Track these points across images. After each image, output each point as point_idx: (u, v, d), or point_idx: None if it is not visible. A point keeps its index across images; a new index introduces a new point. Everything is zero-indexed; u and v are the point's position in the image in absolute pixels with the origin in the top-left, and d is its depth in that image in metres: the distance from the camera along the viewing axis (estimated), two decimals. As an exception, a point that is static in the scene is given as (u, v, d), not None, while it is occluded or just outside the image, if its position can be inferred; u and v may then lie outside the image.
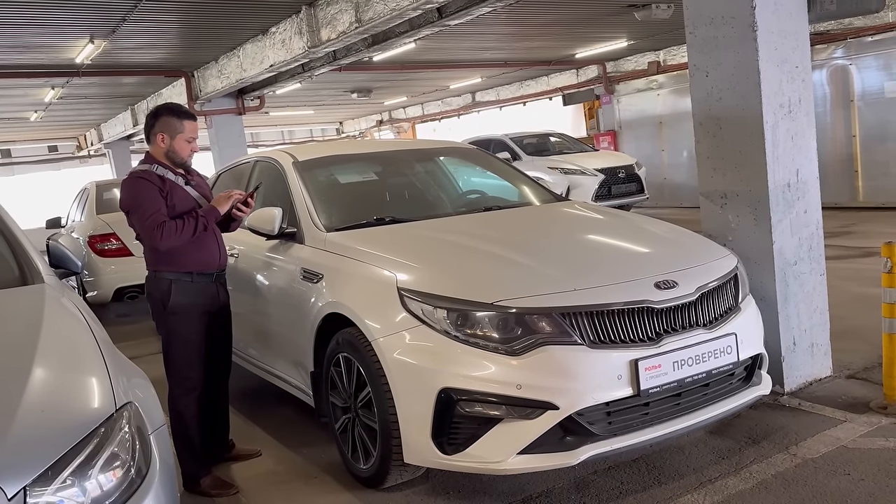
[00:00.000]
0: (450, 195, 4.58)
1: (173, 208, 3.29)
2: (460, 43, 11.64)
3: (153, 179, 3.30)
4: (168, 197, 3.29)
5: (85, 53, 9.01)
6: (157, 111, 3.43)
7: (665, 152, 14.76)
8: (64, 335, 2.37)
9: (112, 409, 1.95)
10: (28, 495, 1.67)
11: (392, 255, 3.28)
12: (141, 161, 3.45)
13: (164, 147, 3.37)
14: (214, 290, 3.49)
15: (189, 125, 3.40)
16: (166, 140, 3.36)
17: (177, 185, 3.37)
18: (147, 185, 3.28)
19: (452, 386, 2.76)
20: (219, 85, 10.58)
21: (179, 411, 3.39)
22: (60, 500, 1.72)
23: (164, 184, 3.32)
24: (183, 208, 3.33)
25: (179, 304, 3.36)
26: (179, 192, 3.37)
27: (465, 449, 2.78)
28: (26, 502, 1.66)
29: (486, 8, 6.45)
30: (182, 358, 3.39)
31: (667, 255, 3.32)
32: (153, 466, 1.95)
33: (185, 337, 3.38)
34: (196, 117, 3.51)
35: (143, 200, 3.26)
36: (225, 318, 3.61)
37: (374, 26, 6.88)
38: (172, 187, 3.34)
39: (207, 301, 3.44)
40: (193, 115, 3.48)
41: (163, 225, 3.22)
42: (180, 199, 3.35)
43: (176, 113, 3.40)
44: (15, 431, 1.77)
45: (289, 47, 8.31)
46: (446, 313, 2.85)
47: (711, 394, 3.05)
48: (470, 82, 17.22)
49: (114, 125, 17.01)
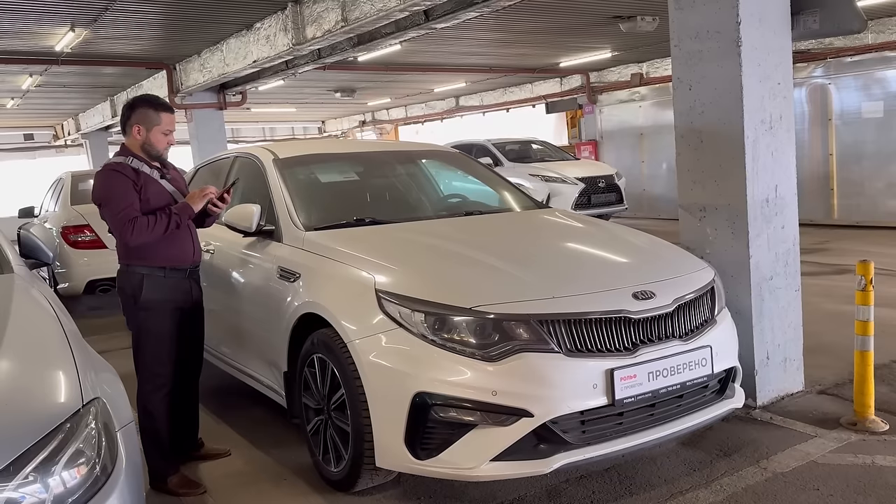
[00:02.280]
0: (431, 198, 4.56)
1: (147, 202, 3.22)
2: (446, 47, 11.65)
3: (127, 172, 3.22)
4: (142, 191, 3.22)
5: (65, 42, 8.88)
6: (134, 102, 3.35)
7: (645, 164, 14.89)
8: (31, 327, 2.32)
9: (79, 404, 1.90)
10: (-13, 490, 1.63)
11: (371, 256, 3.26)
12: (116, 153, 3.37)
13: (140, 139, 3.30)
14: (188, 286, 3.43)
15: (166, 117, 3.32)
16: (142, 132, 3.29)
17: (151, 178, 3.29)
18: (120, 179, 3.20)
19: (427, 390, 2.74)
20: (201, 79, 10.48)
21: (148, 408, 3.32)
22: (22, 497, 1.68)
23: (138, 177, 3.24)
24: (157, 203, 3.26)
25: (151, 299, 3.29)
26: (154, 186, 3.29)
27: (437, 454, 2.76)
28: None
29: (472, 13, 6.46)
30: (152, 354, 3.32)
31: (645, 266, 3.33)
32: (119, 464, 1.91)
33: (156, 333, 3.31)
34: (173, 110, 3.47)
35: (116, 194, 3.19)
36: (197, 315, 3.56)
37: (360, 26, 6.86)
38: (147, 181, 3.27)
39: (180, 297, 3.38)
40: (171, 108, 3.42)
41: (134, 220, 3.15)
42: (155, 193, 3.27)
43: (153, 105, 3.33)
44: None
45: (273, 44, 8.25)
46: (424, 317, 2.83)
47: (685, 405, 3.05)
48: (454, 86, 17.25)
49: (92, 115, 16.79)
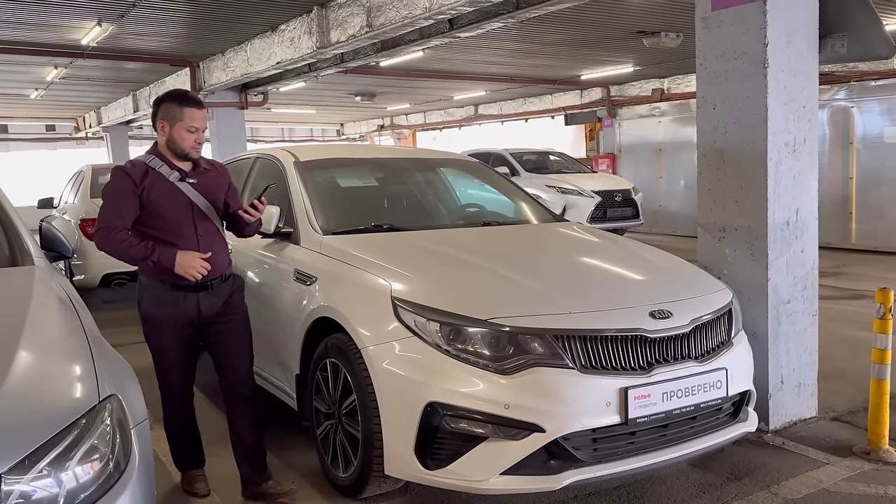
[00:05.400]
0: (449, 207, 4.56)
1: (152, 205, 3.02)
2: (468, 55, 11.67)
3: (133, 174, 3.02)
4: (145, 192, 3.01)
5: (91, 36, 8.96)
6: (161, 98, 3.16)
7: (662, 179, 14.83)
8: (51, 321, 2.33)
9: (95, 400, 1.91)
10: (3, 482, 1.63)
11: (388, 263, 3.26)
12: (148, 150, 3.22)
13: (165, 136, 3.10)
14: (193, 304, 3.10)
15: (190, 113, 3.05)
16: (166, 129, 3.08)
17: (164, 179, 3.06)
18: (122, 181, 3.02)
19: (440, 400, 2.73)
20: (223, 78, 10.55)
21: (165, 410, 3.31)
22: (35, 490, 1.68)
23: (145, 178, 3.03)
24: (167, 206, 3.05)
25: (147, 312, 3.15)
26: (165, 188, 3.05)
27: (447, 465, 2.75)
28: (1, 489, 1.62)
29: (497, 23, 6.47)
30: (159, 364, 3.23)
31: (663, 285, 3.31)
32: (132, 461, 1.92)
33: (156, 345, 3.18)
34: (202, 105, 3.15)
35: (109, 195, 3.04)
36: (220, 333, 3.21)
37: (384, 32, 6.89)
38: (156, 182, 3.04)
39: (180, 314, 3.10)
40: (198, 103, 3.13)
41: (110, 230, 2.96)
42: (164, 194, 3.04)
43: (178, 99, 3.09)
44: (-4, 419, 1.73)
45: (297, 46, 8.29)
46: (439, 326, 2.83)
47: (698, 427, 3.03)
48: (474, 94, 17.27)
49: (114, 109, 16.93)
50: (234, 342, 3.24)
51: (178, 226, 3.07)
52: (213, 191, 3.21)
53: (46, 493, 1.70)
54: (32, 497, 1.67)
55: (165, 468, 3.48)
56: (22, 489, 1.66)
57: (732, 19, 3.82)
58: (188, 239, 3.08)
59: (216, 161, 3.39)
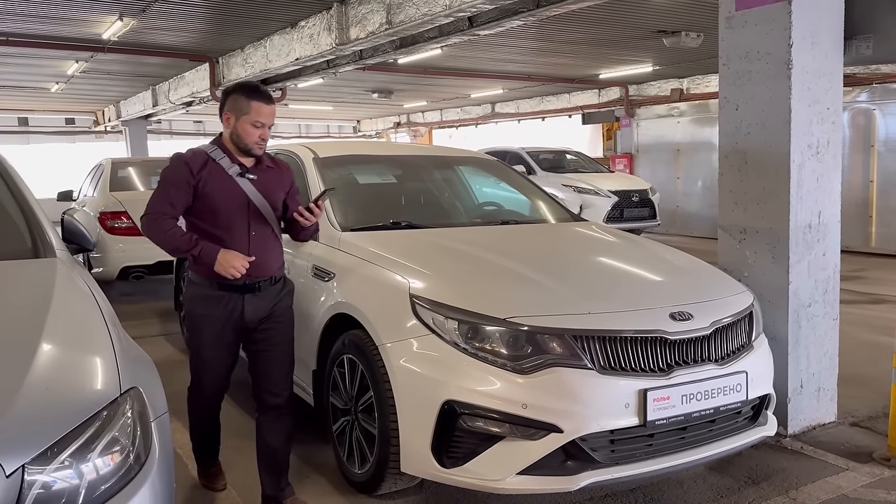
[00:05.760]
0: (467, 205, 4.56)
1: (206, 196, 2.92)
2: (486, 53, 11.65)
3: (192, 164, 2.92)
4: (201, 183, 2.91)
5: (113, 30, 9.03)
6: (230, 89, 3.00)
7: (680, 180, 14.73)
8: (73, 312, 2.34)
9: (116, 392, 1.92)
10: (25, 473, 1.64)
11: (406, 260, 3.26)
12: (212, 140, 3.08)
13: (229, 129, 2.95)
14: (238, 305, 2.98)
15: (257, 107, 2.90)
16: (231, 121, 2.93)
17: (223, 172, 2.94)
18: (179, 170, 2.93)
19: (457, 399, 2.72)
20: (242, 73, 10.59)
21: (193, 406, 3.26)
22: (56, 481, 1.69)
23: (203, 168, 2.92)
24: (220, 200, 2.92)
25: (192, 310, 3.06)
26: (223, 182, 2.93)
27: (464, 464, 2.75)
28: (24, 480, 1.63)
29: (516, 21, 6.45)
30: (195, 361, 3.15)
31: (683, 287, 3.29)
32: (152, 454, 1.92)
33: (197, 343, 3.09)
34: (271, 100, 2.99)
35: (163, 183, 2.97)
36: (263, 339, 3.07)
37: (404, 29, 6.89)
38: (214, 174, 2.93)
39: (225, 315, 2.99)
40: (267, 97, 2.97)
41: (157, 216, 2.90)
42: (220, 189, 2.92)
43: (246, 92, 2.94)
44: (18, 408, 1.74)
45: (316, 42, 8.31)
46: (457, 325, 2.82)
47: (717, 430, 3.01)
48: (491, 93, 17.24)
49: (133, 103, 17.05)
50: (275, 351, 3.09)
51: (231, 222, 2.95)
52: (273, 189, 3.06)
53: (68, 484, 1.70)
54: (54, 488, 1.68)
55: (182, 461, 3.50)
56: (44, 480, 1.67)
57: (757, 19, 3.78)
58: (239, 237, 2.95)
59: (281, 159, 3.23)
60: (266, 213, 3.01)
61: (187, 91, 13.00)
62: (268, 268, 3.03)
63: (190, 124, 22.85)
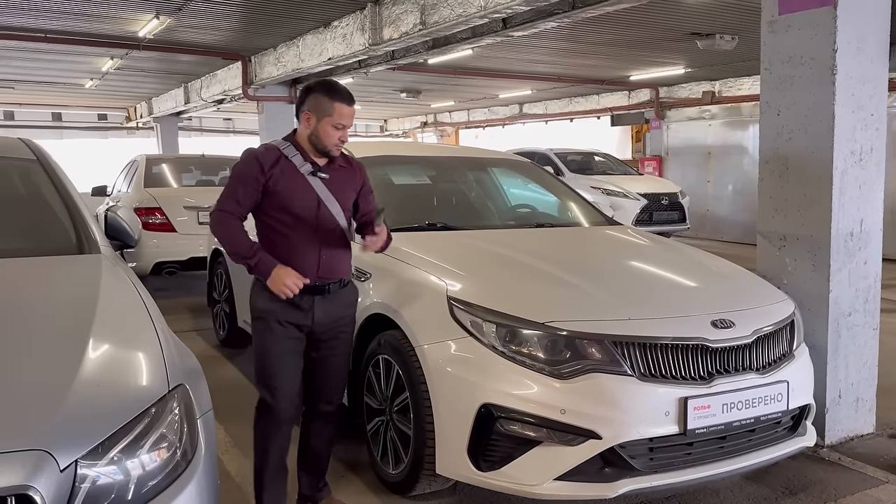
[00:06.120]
0: (500, 207, 4.55)
1: (277, 195, 2.81)
2: (515, 54, 11.62)
3: (264, 161, 2.81)
4: (272, 181, 2.80)
5: (149, 28, 9.15)
6: (311, 86, 2.89)
7: (710, 184, 14.58)
8: (120, 309, 2.37)
9: (165, 389, 1.94)
10: (78, 468, 1.66)
11: (443, 262, 3.26)
12: (286, 136, 2.97)
13: (309, 129, 2.83)
14: (308, 306, 2.85)
15: (340, 109, 2.79)
16: (312, 122, 2.82)
17: (295, 170, 2.83)
18: (249, 167, 2.82)
19: (494, 402, 2.72)
20: (275, 72, 10.67)
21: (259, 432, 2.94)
22: (107, 477, 1.71)
23: (275, 166, 2.81)
24: (291, 198, 2.82)
25: (261, 307, 2.88)
26: (295, 181, 2.82)
27: (500, 467, 2.74)
28: (76, 475, 1.65)
29: (552, 23, 6.43)
30: (263, 369, 2.90)
31: (724, 294, 3.25)
32: (199, 452, 1.94)
33: (263, 347, 2.89)
34: (353, 101, 2.87)
35: (234, 180, 2.87)
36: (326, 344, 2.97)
37: (437, 30, 6.89)
38: (287, 172, 2.82)
39: (296, 316, 2.85)
40: (350, 98, 2.85)
41: (225, 216, 2.82)
42: (292, 188, 2.82)
43: (329, 92, 2.83)
44: (70, 404, 1.76)
45: (349, 42, 8.35)
46: (495, 328, 2.82)
47: (756, 440, 2.97)
48: (519, 93, 17.20)
49: (165, 100, 17.25)
50: (335, 361, 3.01)
51: (301, 222, 2.83)
52: (345, 189, 2.95)
53: (118, 479, 1.73)
54: (104, 483, 1.70)
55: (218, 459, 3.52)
56: (95, 475, 1.69)
57: (800, 24, 3.72)
58: (308, 238, 2.84)
59: (353, 157, 3.10)
60: (336, 214, 2.89)
61: (219, 89, 13.13)
62: (337, 270, 2.93)
63: (220, 121, 23.08)
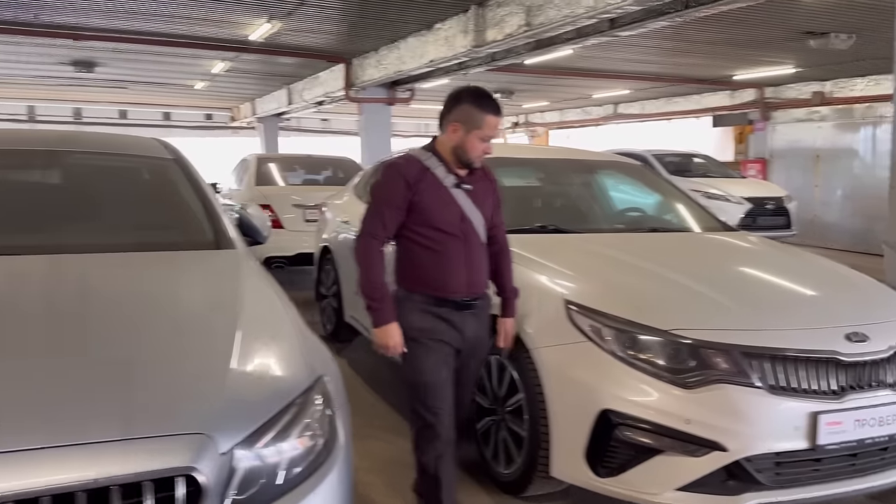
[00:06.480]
0: (611, 211, 4.51)
1: (422, 211, 2.69)
2: (615, 53, 11.42)
3: (409, 175, 2.69)
4: (416, 196, 2.68)
5: (260, 32, 9.52)
6: (460, 95, 2.72)
7: (818, 188, 13.91)
8: (260, 303, 2.49)
9: (309, 380, 2.02)
10: (235, 453, 1.76)
11: (558, 265, 3.26)
12: (424, 145, 2.84)
13: (454, 141, 2.70)
14: (459, 322, 2.76)
15: (489, 121, 2.67)
16: (459, 133, 2.68)
17: (439, 184, 2.72)
18: (394, 185, 2.70)
19: (615, 409, 2.70)
20: (376, 75, 10.90)
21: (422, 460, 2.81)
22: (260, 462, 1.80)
23: (420, 179, 2.69)
24: (435, 213, 2.70)
25: (414, 325, 2.74)
26: (438, 193, 2.71)
27: (618, 474, 2.73)
28: (233, 456, 1.75)
29: (662, 21, 6.31)
30: (420, 393, 2.76)
31: (856, 305, 3.12)
32: (338, 442, 2.01)
33: (418, 369, 2.74)
34: (500, 112, 2.75)
35: (379, 201, 2.76)
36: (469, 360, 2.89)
37: (543, 31, 6.87)
38: (431, 185, 2.70)
39: (450, 333, 2.75)
40: (499, 109, 2.73)
41: (370, 242, 2.71)
42: (436, 200, 2.70)
43: (479, 103, 2.68)
44: (228, 393, 1.88)
45: (451, 44, 8.44)
46: (616, 334, 2.80)
47: (889, 459, 2.84)
48: (615, 93, 16.89)
49: (268, 101, 17.88)
50: (470, 374, 2.96)
51: (447, 237, 2.72)
52: (484, 201, 2.83)
53: (268, 465, 1.82)
54: (257, 468, 1.79)
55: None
56: (249, 460, 1.79)
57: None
58: (455, 253, 2.73)
59: (487, 167, 2.91)
60: (478, 226, 2.79)
61: (321, 91, 13.50)
62: (482, 283, 2.85)
63: (317, 122, 23.74)
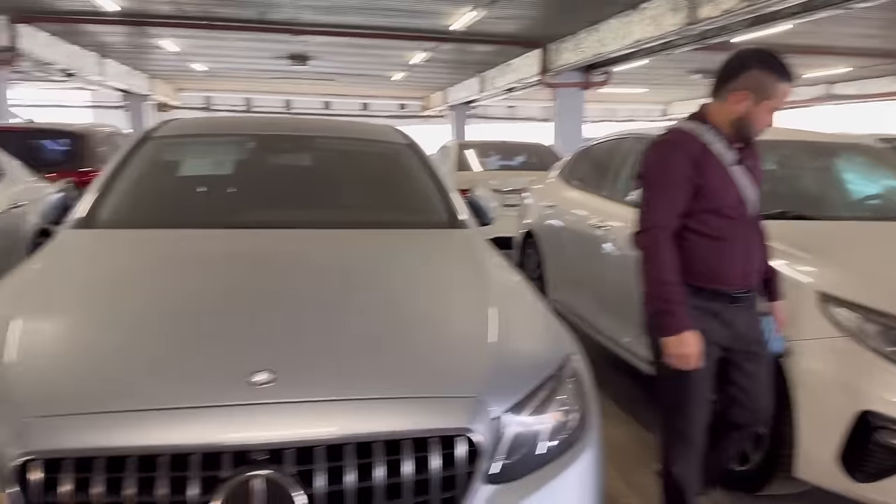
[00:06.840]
0: (852, 197, 4.13)
1: (703, 195, 2.33)
2: (836, 28, 10.46)
3: (691, 149, 2.33)
4: (701, 175, 2.31)
5: (463, 21, 9.76)
6: (747, 59, 2.32)
7: None
8: (506, 280, 2.57)
9: (563, 355, 2.06)
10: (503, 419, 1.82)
11: (807, 253, 3.04)
12: (689, 116, 2.47)
13: (739, 111, 2.31)
14: (730, 318, 2.41)
15: (784, 91, 2.30)
16: (747, 103, 2.30)
17: (718, 163, 2.34)
18: (677, 164, 2.32)
19: (877, 410, 2.49)
20: (572, 59, 10.80)
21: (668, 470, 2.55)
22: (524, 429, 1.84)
23: (702, 158, 2.32)
24: (716, 197, 2.34)
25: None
26: (720, 175, 2.34)
27: (877, 480, 2.51)
28: (500, 421, 1.80)
29: (910, -11, 5.65)
30: (675, 400, 2.46)
31: None
32: (591, 419, 2.02)
33: (681, 377, 2.38)
34: (793, 79, 2.34)
35: (662, 184, 2.36)
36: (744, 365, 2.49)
37: (766, 5, 6.42)
38: (712, 166, 2.33)
39: (719, 333, 2.40)
40: (791, 76, 2.31)
41: (663, 235, 2.32)
42: (716, 182, 2.34)
43: (775, 69, 2.28)
44: (497, 361, 1.94)
45: (659, 23, 8.15)
46: (881, 329, 2.56)
47: None
48: (829, 72, 15.47)
49: (459, 90, 18.35)
50: (761, 376, 2.52)
51: (729, 222, 2.37)
52: (758, 179, 2.47)
53: (530, 433, 1.86)
54: (521, 435, 1.84)
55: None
56: (515, 427, 1.84)
57: None
58: (738, 243, 2.39)
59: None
60: (754, 209, 2.46)
61: (514, 77, 13.62)
62: (757, 273, 2.51)
63: (502, 109, 24.05)
